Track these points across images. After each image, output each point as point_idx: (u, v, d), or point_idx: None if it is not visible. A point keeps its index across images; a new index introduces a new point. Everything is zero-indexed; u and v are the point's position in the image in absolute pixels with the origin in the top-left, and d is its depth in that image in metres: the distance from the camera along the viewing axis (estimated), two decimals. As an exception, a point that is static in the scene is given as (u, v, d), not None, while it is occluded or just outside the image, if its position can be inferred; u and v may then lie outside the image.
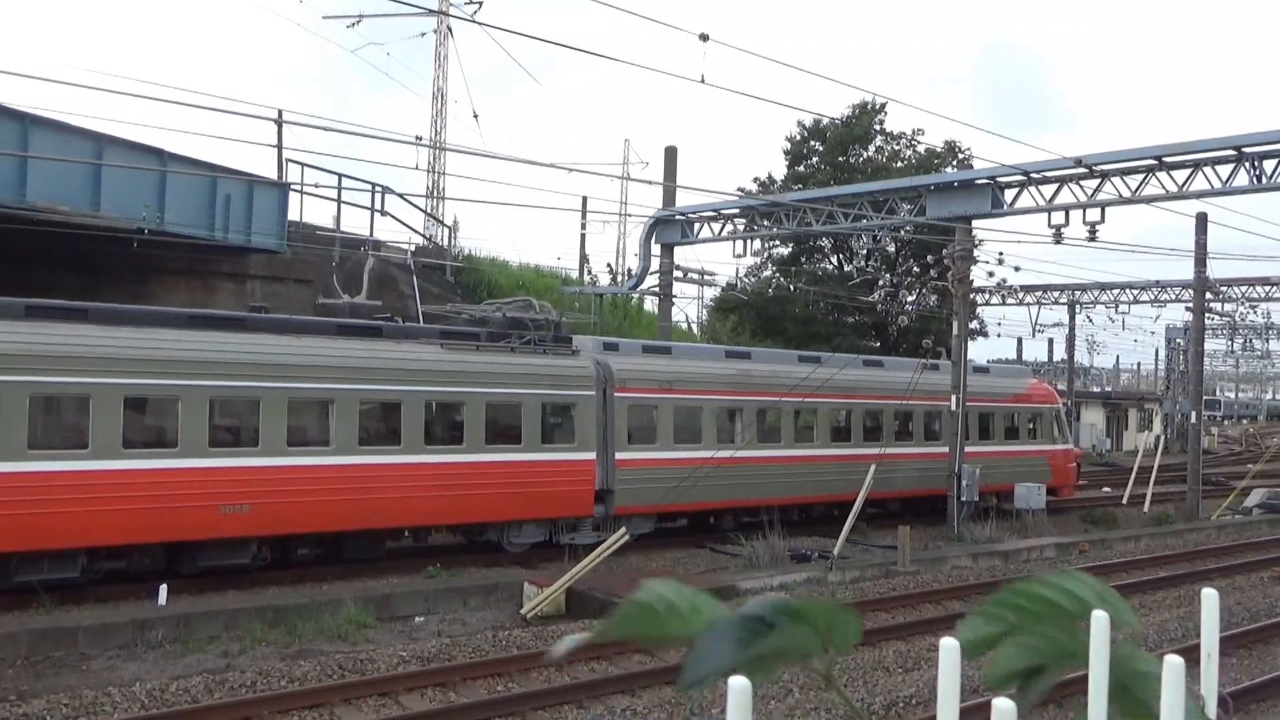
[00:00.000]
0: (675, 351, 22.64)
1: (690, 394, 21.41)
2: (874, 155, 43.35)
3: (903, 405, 25.06)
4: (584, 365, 19.98)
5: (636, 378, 20.63)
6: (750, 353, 24.54)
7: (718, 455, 21.14)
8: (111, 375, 14.86)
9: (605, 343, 21.50)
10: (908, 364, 26.52)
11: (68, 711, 10.30)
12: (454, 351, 18.54)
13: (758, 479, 21.85)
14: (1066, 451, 29.47)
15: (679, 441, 21.16)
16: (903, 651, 13.63)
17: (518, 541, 19.00)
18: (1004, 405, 27.74)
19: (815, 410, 23.54)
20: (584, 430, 19.58)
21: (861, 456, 23.24)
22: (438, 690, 11.57)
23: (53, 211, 20.44)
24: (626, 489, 20.06)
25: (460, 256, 37.26)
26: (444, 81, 46.67)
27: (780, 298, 40.66)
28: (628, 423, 20.39)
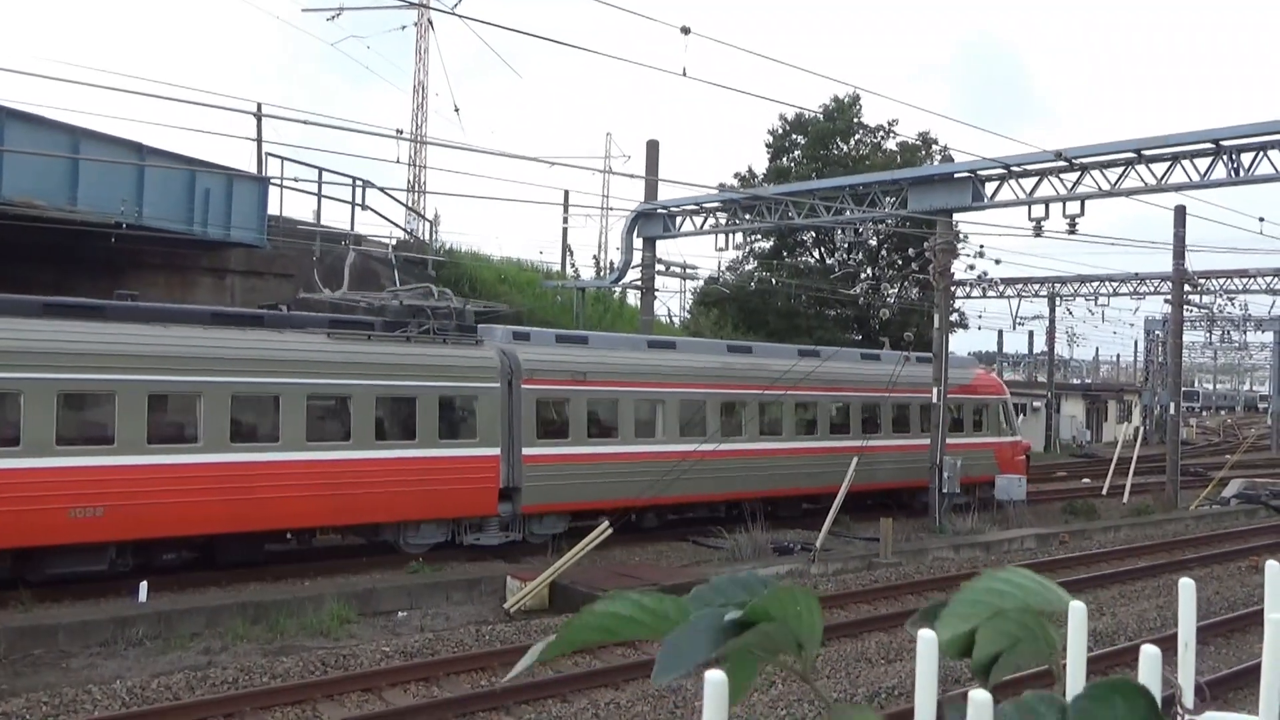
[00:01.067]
0: (593, 341, 21.61)
1: (606, 386, 20.42)
2: (854, 149, 43.45)
3: (844, 396, 24.50)
4: (487, 356, 18.96)
5: (546, 369, 19.57)
6: (675, 343, 23.59)
7: (638, 450, 20.51)
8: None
9: (515, 332, 20.51)
10: (849, 354, 26.07)
11: (47, 710, 10.23)
12: (341, 341, 17.48)
13: (683, 475, 20.63)
14: (1014, 443, 28.79)
15: (594, 436, 20.28)
16: (885, 643, 13.70)
17: (415, 543, 17.95)
18: (949, 397, 26.20)
19: (744, 403, 22.58)
20: (487, 424, 18.55)
21: (796, 451, 22.89)
22: (421, 685, 11.55)
23: (28, 206, 20.23)
24: (535, 486, 19.03)
25: (442, 251, 37.08)
26: (425, 75, 46.54)
27: (762, 291, 40.71)
28: (536, 416, 19.37)
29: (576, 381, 19.93)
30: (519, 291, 36.58)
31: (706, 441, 21.44)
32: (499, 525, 18.80)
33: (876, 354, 26.78)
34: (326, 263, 27.62)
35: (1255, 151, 20.49)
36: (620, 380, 20.64)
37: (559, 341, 20.84)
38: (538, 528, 19.37)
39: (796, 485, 23.30)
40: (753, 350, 24.17)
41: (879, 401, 25.18)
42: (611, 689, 11.56)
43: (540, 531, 19.38)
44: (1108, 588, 18.00)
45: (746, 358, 23.41)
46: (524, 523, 19.15)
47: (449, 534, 18.31)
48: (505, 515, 18.80)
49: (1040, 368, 69.94)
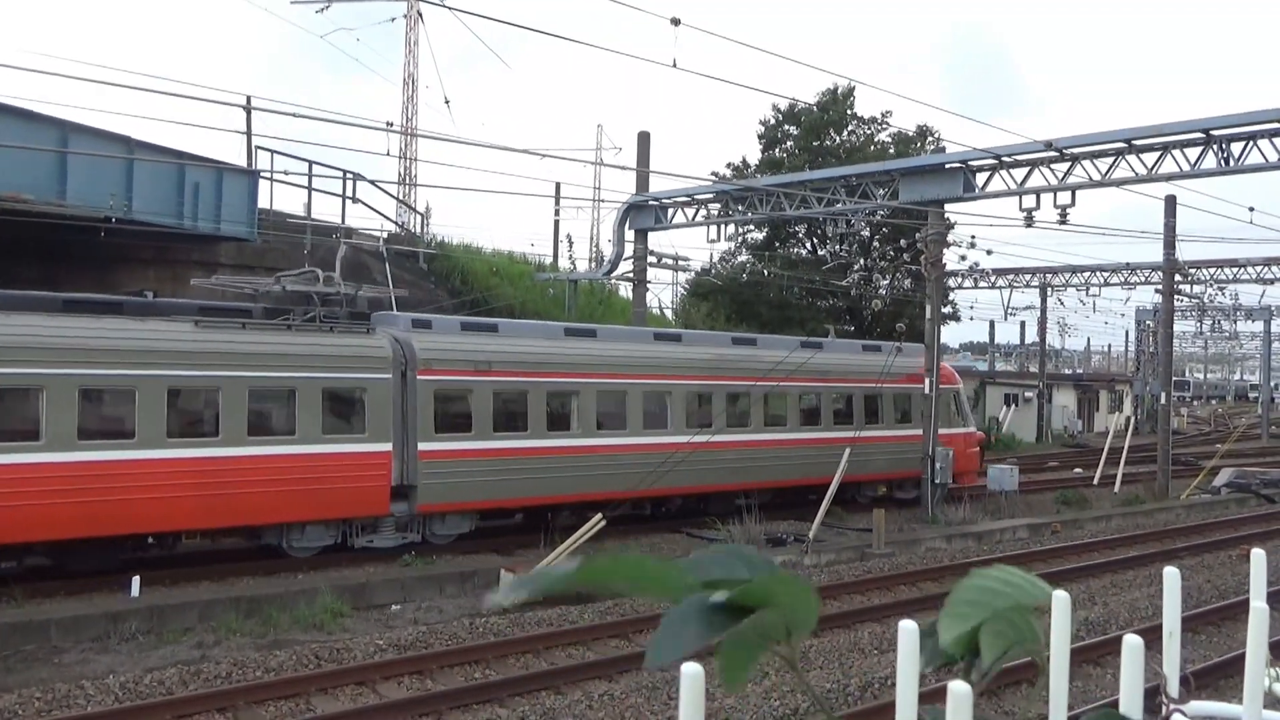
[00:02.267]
0: (503, 330, 20.13)
1: (514, 376, 19.08)
2: (847, 139, 43.44)
3: (780, 386, 22.94)
4: (378, 345, 17.69)
5: (445, 358, 18.28)
6: (596, 330, 22.03)
7: (551, 445, 19.33)
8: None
9: (415, 319, 19.15)
10: (786, 342, 24.80)
11: (40, 705, 10.22)
12: (209, 330, 16.13)
13: (600, 469, 19.65)
14: (967, 435, 27.16)
15: (501, 430, 18.88)
16: (878, 633, 13.75)
17: (300, 546, 16.74)
18: (895, 386, 25.42)
19: (669, 392, 21.31)
20: (377, 418, 17.29)
21: (728, 444, 21.66)
22: (415, 678, 11.57)
23: (16, 200, 20.15)
24: (433, 484, 17.75)
25: (433, 243, 37.08)
26: (415, 67, 46.35)
27: (754, 282, 40.70)
28: (434, 409, 18.05)
29: (480, 372, 18.59)
30: (511, 284, 36.56)
31: (627, 434, 20.46)
32: (395, 526, 17.67)
33: (820, 341, 25.50)
34: (317, 256, 27.56)
35: (1245, 141, 20.54)
36: (531, 370, 19.30)
37: (465, 330, 19.47)
38: (440, 528, 18.24)
39: (722, 481, 21.84)
40: (681, 339, 23.07)
41: (823, 391, 24.01)
42: (605, 680, 11.58)
43: (443, 532, 18.30)
44: (1099, 577, 18.07)
45: (674, 346, 22.20)
46: (423, 523, 18.04)
47: (339, 536, 17.15)
48: (402, 515, 17.64)
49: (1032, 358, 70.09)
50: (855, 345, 26.56)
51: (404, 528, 17.78)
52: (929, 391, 24.21)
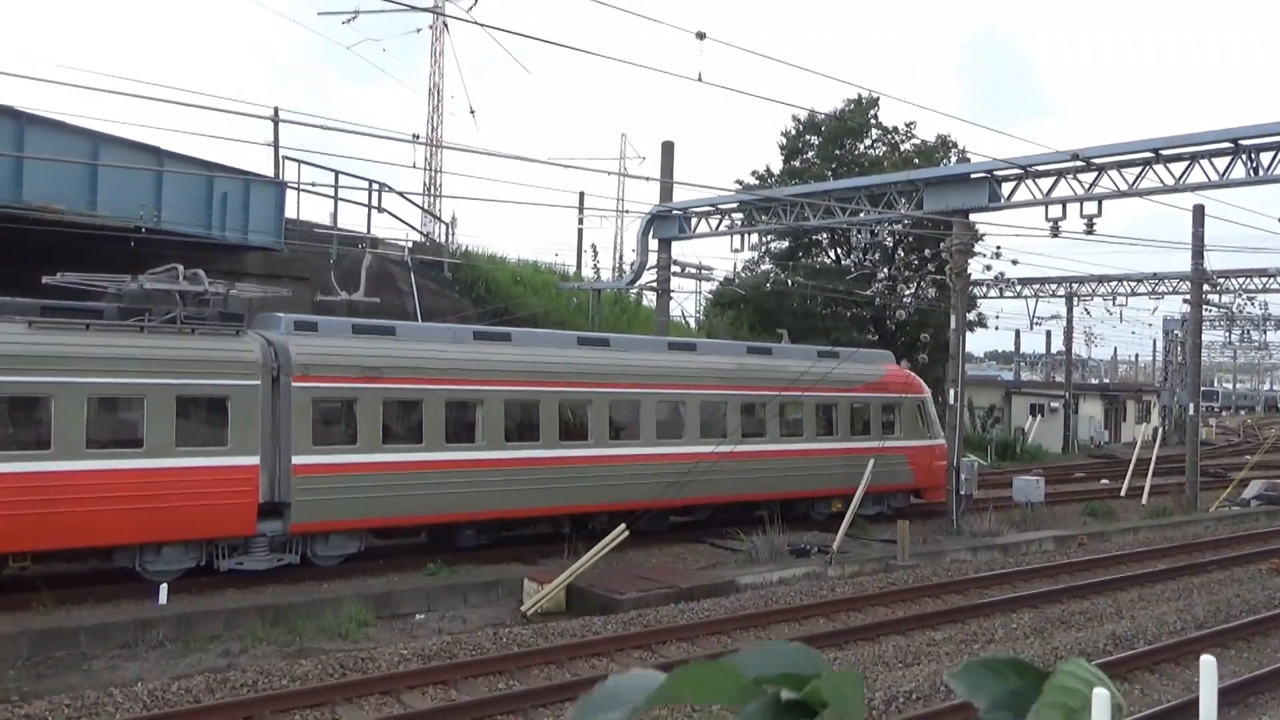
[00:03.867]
0: (402, 333, 18.59)
1: (408, 383, 17.49)
2: (870, 149, 43.35)
3: (723, 395, 21.58)
4: (244, 349, 16.09)
5: (326, 364, 16.68)
6: (510, 334, 20.16)
7: (451, 458, 17.78)
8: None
9: (297, 320, 17.56)
10: (732, 348, 23.62)
11: (70, 712, 10.32)
12: (45, 332, 14.59)
13: (509, 484, 18.26)
14: (932, 448, 25.21)
15: (392, 441, 17.41)
16: (902, 646, 13.67)
17: (157, 569, 15.21)
18: (851, 395, 23.82)
19: (590, 401, 19.77)
20: (242, 429, 15.73)
21: (655, 456, 20.20)
22: (439, 688, 11.59)
23: (49, 210, 20.40)
24: (310, 501, 16.19)
25: (458, 253, 37.24)
26: (440, 77, 46.64)
27: (778, 292, 40.65)
28: (312, 419, 16.54)
29: (369, 379, 17.03)
30: (535, 293, 36.67)
31: (540, 446, 18.92)
32: (269, 546, 16.22)
33: (769, 347, 24.32)
34: (343, 265, 27.80)
35: (1275, 151, 20.33)
36: (428, 377, 17.70)
37: (356, 332, 17.88)
38: (323, 549, 16.84)
39: (657, 496, 19.82)
40: (610, 344, 21.30)
41: (776, 401, 22.28)
42: (629, 692, 11.56)
43: (327, 553, 16.89)
44: (1127, 590, 17.90)
45: (600, 351, 20.61)
46: (303, 543, 16.60)
47: (202, 558, 15.73)
48: (276, 534, 16.18)
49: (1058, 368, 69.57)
50: (809, 351, 24.62)
51: (281, 548, 16.37)
52: (952, 402, 24.08)
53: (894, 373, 25.59)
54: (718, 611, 15.21)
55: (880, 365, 25.19)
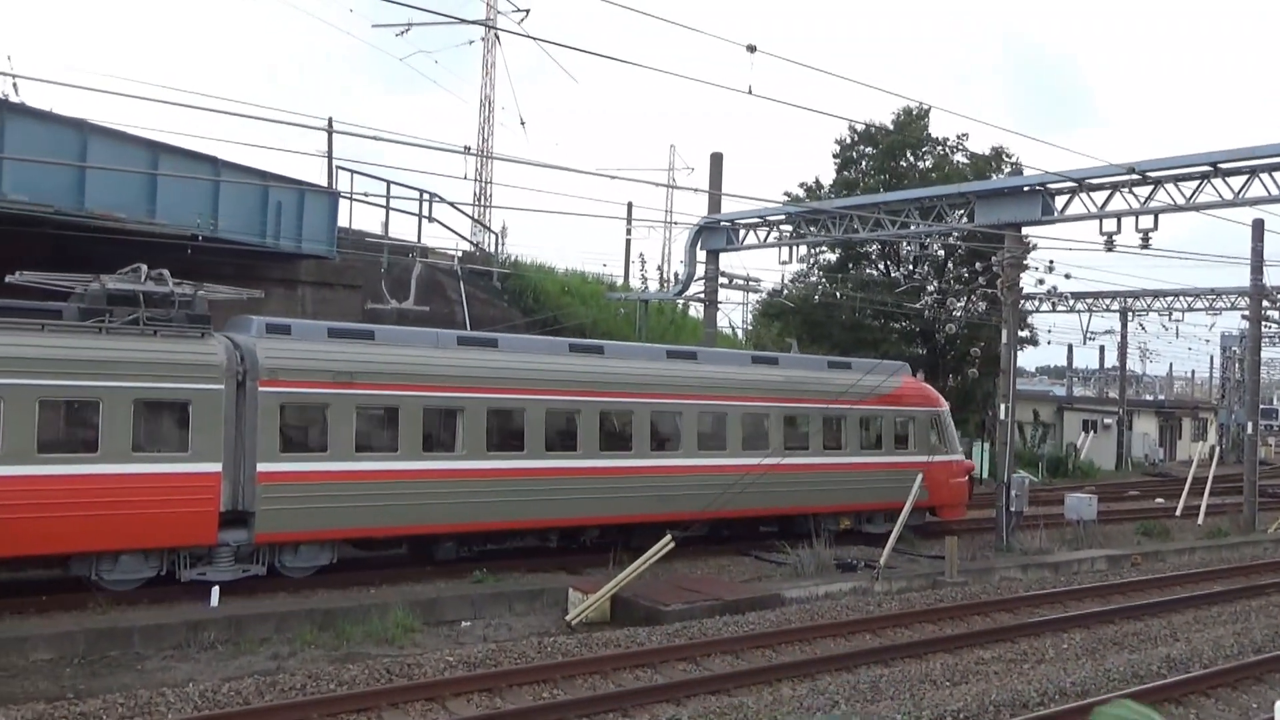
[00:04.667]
0: (381, 337, 17.82)
1: (383, 389, 16.88)
2: (920, 161, 43.02)
3: (723, 406, 20.89)
4: (208, 351, 15.52)
5: (296, 368, 16.10)
6: (497, 339, 19.42)
7: (429, 467, 17.17)
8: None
9: (270, 323, 16.90)
10: (735, 357, 23.10)
11: (123, 711, 10.50)
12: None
13: (491, 495, 17.67)
14: (948, 464, 24.34)
15: (366, 450, 16.84)
16: (950, 664, 13.50)
17: (114, 579, 14.80)
18: (861, 408, 22.78)
19: (579, 410, 18.99)
20: (204, 434, 15.19)
21: (650, 469, 19.56)
22: (484, 696, 11.64)
23: (109, 219, 20.86)
24: (276, 510, 15.66)
25: (507, 263, 37.51)
26: (491, 89, 47.06)
27: (826, 304, 40.45)
28: (280, 425, 15.98)
29: (341, 384, 16.44)
30: (583, 303, 36.81)
31: (525, 457, 18.27)
32: (235, 557, 15.68)
33: (773, 357, 23.73)
34: (394, 274, 28.13)
35: (1339, 165, 19.89)
36: (404, 383, 17.09)
37: (332, 336, 17.24)
38: (292, 560, 16.27)
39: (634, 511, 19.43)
40: (605, 351, 20.53)
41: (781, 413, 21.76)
42: (672, 704, 11.54)
43: (297, 565, 16.31)
44: (1181, 612, 17.54)
45: (593, 359, 19.91)
46: (270, 553, 16.06)
47: (162, 567, 15.23)
48: (241, 544, 15.65)
49: (1111, 383, 68.44)
50: (818, 361, 24.36)
51: (248, 558, 15.85)
52: (1003, 418, 23.78)
53: (909, 385, 24.71)
54: (763, 625, 15.13)
55: (894, 377, 24.21)
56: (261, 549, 15.90)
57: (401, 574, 17.21)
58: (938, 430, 24.52)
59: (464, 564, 17.97)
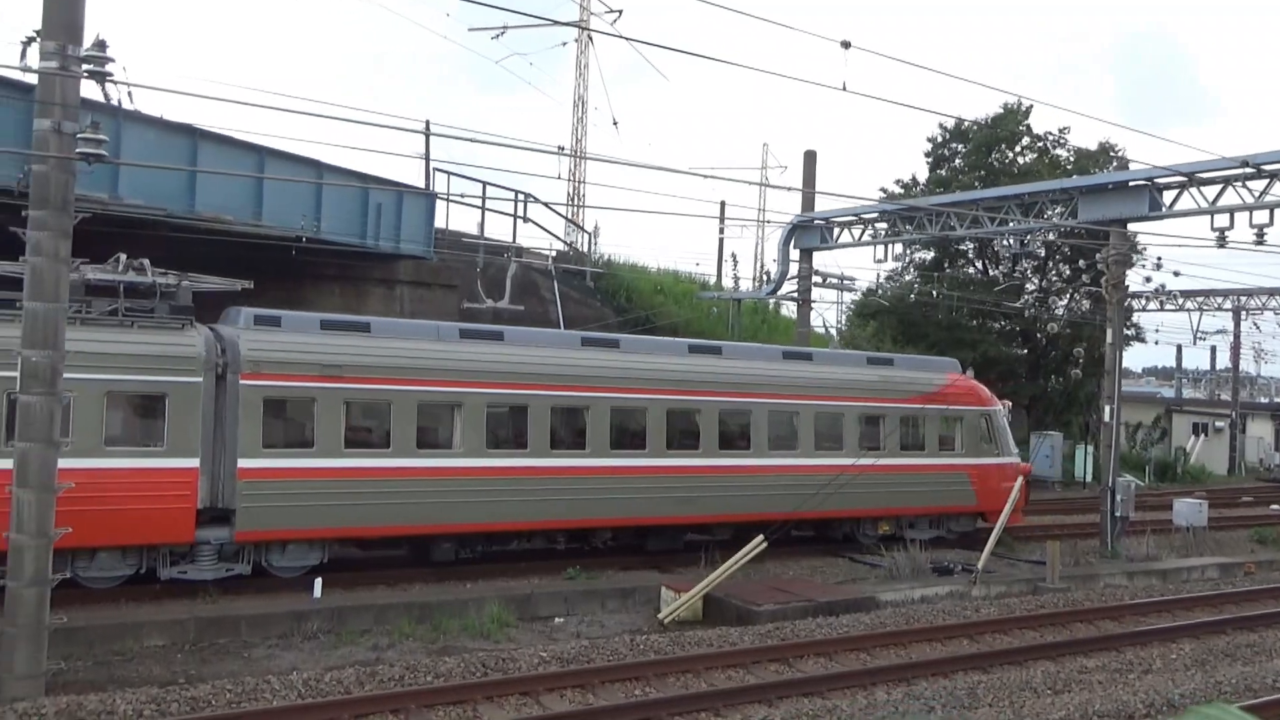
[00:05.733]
0: (378, 330, 17.14)
1: (374, 383, 16.19)
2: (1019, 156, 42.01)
3: (747, 403, 19.70)
4: (186, 343, 14.93)
5: (280, 360, 15.49)
6: (503, 332, 18.73)
7: (422, 465, 16.43)
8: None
9: (259, 315, 16.25)
10: (765, 352, 21.82)
11: (231, 696, 10.85)
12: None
13: (492, 495, 16.88)
14: (1002, 466, 22.80)
15: (356, 446, 16.16)
16: (1051, 672, 13.15)
17: (92, 576, 14.38)
18: (902, 406, 21.61)
19: (588, 407, 18.01)
20: (180, 428, 14.62)
21: (665, 469, 18.48)
22: (577, 692, 11.73)
23: (219, 221, 21.60)
24: (258, 508, 15.06)
25: (600, 262, 37.76)
26: (584, 90, 47.41)
27: (922, 303, 39.78)
28: (263, 420, 15.37)
29: (329, 378, 15.79)
30: (675, 302, 36.86)
31: (527, 455, 17.40)
32: (218, 555, 15.16)
33: (807, 353, 22.65)
34: (489, 274, 28.53)
35: None
36: (398, 378, 16.38)
37: (325, 328, 16.63)
38: (279, 559, 15.69)
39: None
40: (620, 345, 19.60)
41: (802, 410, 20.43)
42: (764, 705, 11.48)
43: (284, 564, 15.73)
44: (1300, 624, 16.79)
45: (606, 353, 18.96)
46: (256, 552, 15.51)
47: (141, 565, 14.75)
48: (216, 542, 15.09)
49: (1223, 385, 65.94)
50: (857, 357, 23.17)
51: (233, 557, 15.33)
52: (1108, 419, 23.08)
53: (956, 382, 23.16)
54: (857, 628, 14.95)
55: (939, 374, 22.96)
56: (246, 547, 15.37)
57: (497, 569, 17.44)
58: (989, 431, 23.06)
59: (558, 561, 18.11)
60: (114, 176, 19.42)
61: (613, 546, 19.12)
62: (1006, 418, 23.79)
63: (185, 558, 15.02)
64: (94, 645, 12.89)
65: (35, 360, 10.87)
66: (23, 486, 10.83)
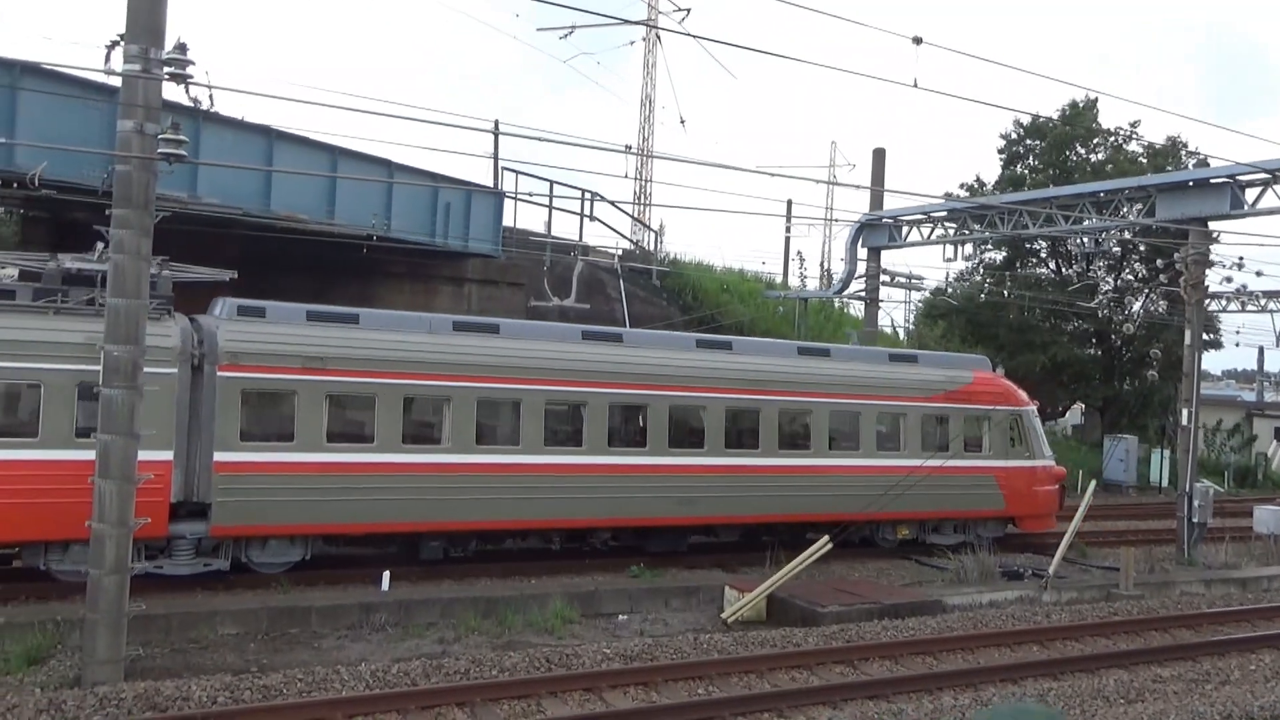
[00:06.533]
0: (367, 322, 16.51)
1: (358, 376, 15.68)
2: (1091, 153, 41.11)
3: (756, 401, 18.90)
4: (160, 333, 14.22)
5: (260, 352, 14.95)
6: (499, 325, 17.96)
7: (404, 460, 15.88)
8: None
9: (241, 305, 15.64)
10: (779, 348, 21.07)
11: (302, 686, 11.06)
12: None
13: (482, 492, 16.36)
14: (1033, 470, 21.85)
15: (339, 440, 15.65)
16: (1124, 681, 12.87)
17: (64, 570, 14.04)
18: (922, 404, 20.72)
19: (585, 403, 17.47)
20: (154, 420, 13.80)
21: (663, 468, 17.89)
22: (640, 689, 11.75)
23: (293, 220, 22.06)
24: (236, 502, 14.62)
25: (666, 261, 37.80)
26: (652, 89, 47.47)
27: (993, 303, 39.15)
28: (241, 412, 14.96)
29: (311, 370, 15.30)
30: (741, 301, 36.76)
31: (520, 452, 16.78)
32: (195, 550, 14.82)
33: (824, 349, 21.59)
34: (556, 272, 28.74)
35: None
36: (383, 371, 15.86)
37: (311, 320, 16.02)
38: (259, 555, 15.32)
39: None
40: (623, 340, 19.09)
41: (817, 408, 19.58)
42: (829, 707, 11.40)
43: (265, 560, 15.38)
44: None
45: (607, 348, 18.29)
46: (236, 547, 15.16)
47: None
48: (192, 536, 14.71)
49: (1308, 389, 63.80)
50: (878, 354, 22.23)
51: (212, 552, 15.00)
52: (1185, 423, 22.51)
53: (983, 381, 22.02)
54: (923, 631, 14.77)
55: (964, 371, 21.87)
56: (225, 542, 15.05)
57: (561, 566, 17.55)
58: (1019, 432, 21.97)
59: (621, 558, 18.16)
60: (193, 176, 19.96)
61: (614, 547, 18.70)
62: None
63: (163, 552, 14.63)
64: (170, 633, 13.24)
65: (117, 355, 11.17)
66: (104, 477, 11.12)
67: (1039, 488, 21.99)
